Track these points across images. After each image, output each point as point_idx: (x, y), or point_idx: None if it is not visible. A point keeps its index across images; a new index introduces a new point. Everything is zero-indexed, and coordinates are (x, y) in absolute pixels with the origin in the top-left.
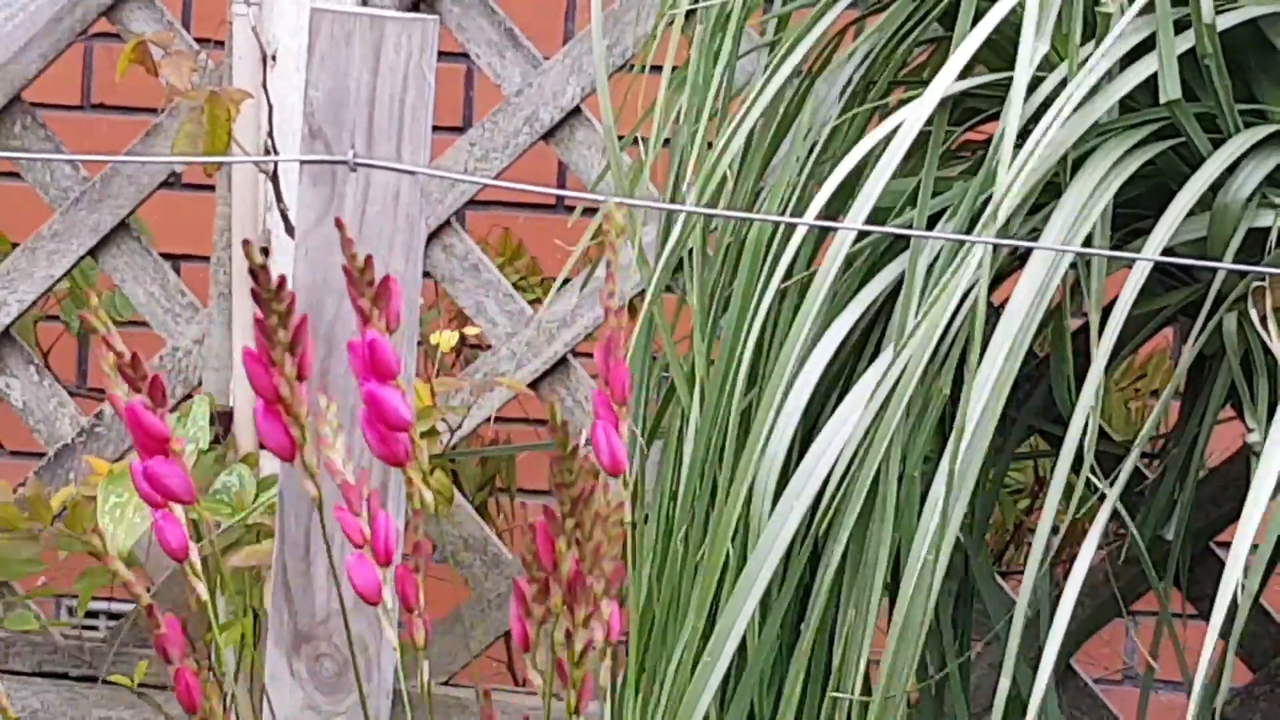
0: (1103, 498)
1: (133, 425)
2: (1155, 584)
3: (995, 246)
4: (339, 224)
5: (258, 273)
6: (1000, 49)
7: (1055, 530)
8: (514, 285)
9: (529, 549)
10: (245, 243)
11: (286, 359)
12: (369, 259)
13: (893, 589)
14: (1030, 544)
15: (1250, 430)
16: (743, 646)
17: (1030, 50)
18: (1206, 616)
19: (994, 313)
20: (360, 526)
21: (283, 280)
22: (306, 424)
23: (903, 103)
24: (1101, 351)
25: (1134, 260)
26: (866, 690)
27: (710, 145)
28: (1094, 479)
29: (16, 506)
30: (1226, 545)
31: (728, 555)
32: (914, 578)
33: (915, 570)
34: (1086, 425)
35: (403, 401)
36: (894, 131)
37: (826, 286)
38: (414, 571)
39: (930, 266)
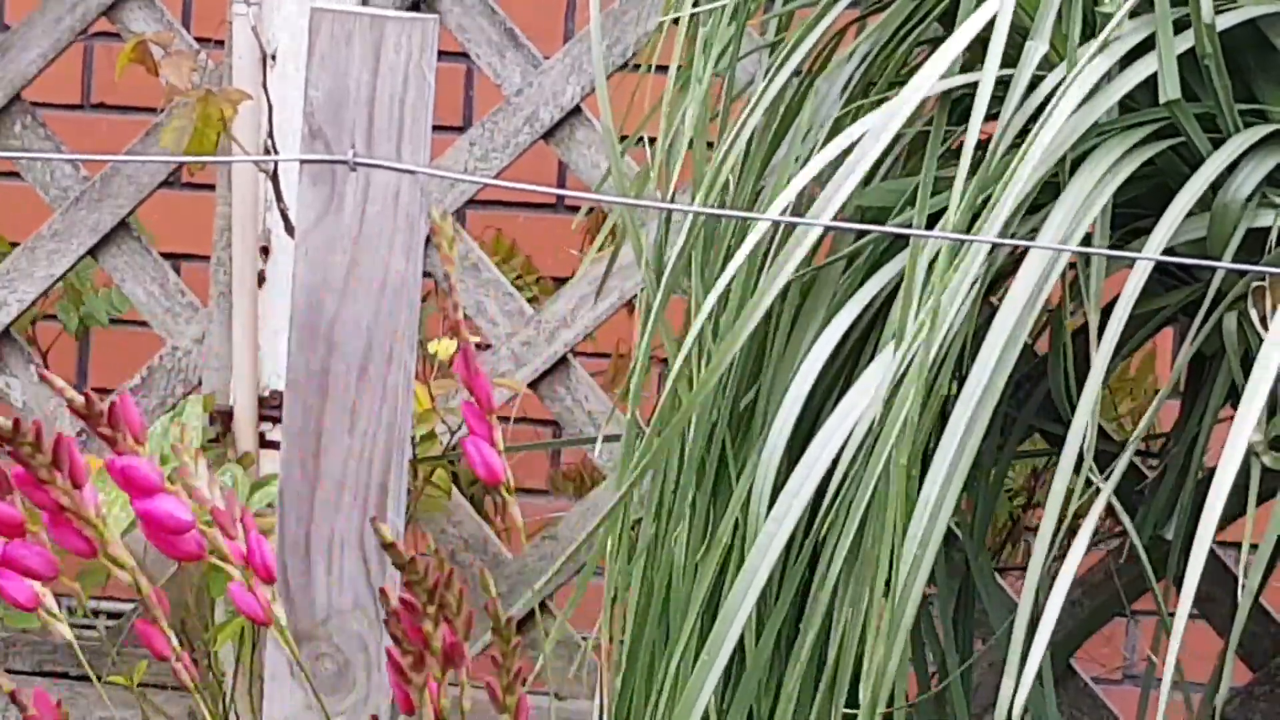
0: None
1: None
2: (1152, 583)
3: (994, 246)
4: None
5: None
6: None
7: (1058, 530)
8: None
9: (396, 628)
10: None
11: (57, 475)
12: (87, 396)
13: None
14: (1027, 542)
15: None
16: (742, 647)
17: (1001, 44)
18: (1206, 616)
19: (992, 312)
20: (239, 548)
21: (17, 423)
22: (101, 522)
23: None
24: (1103, 351)
25: (1133, 260)
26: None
27: (711, 145)
28: (1093, 477)
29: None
30: (1226, 545)
31: (726, 554)
32: (902, 576)
33: (905, 569)
34: (1087, 424)
35: (179, 505)
36: (884, 130)
37: (828, 289)
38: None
39: (929, 266)
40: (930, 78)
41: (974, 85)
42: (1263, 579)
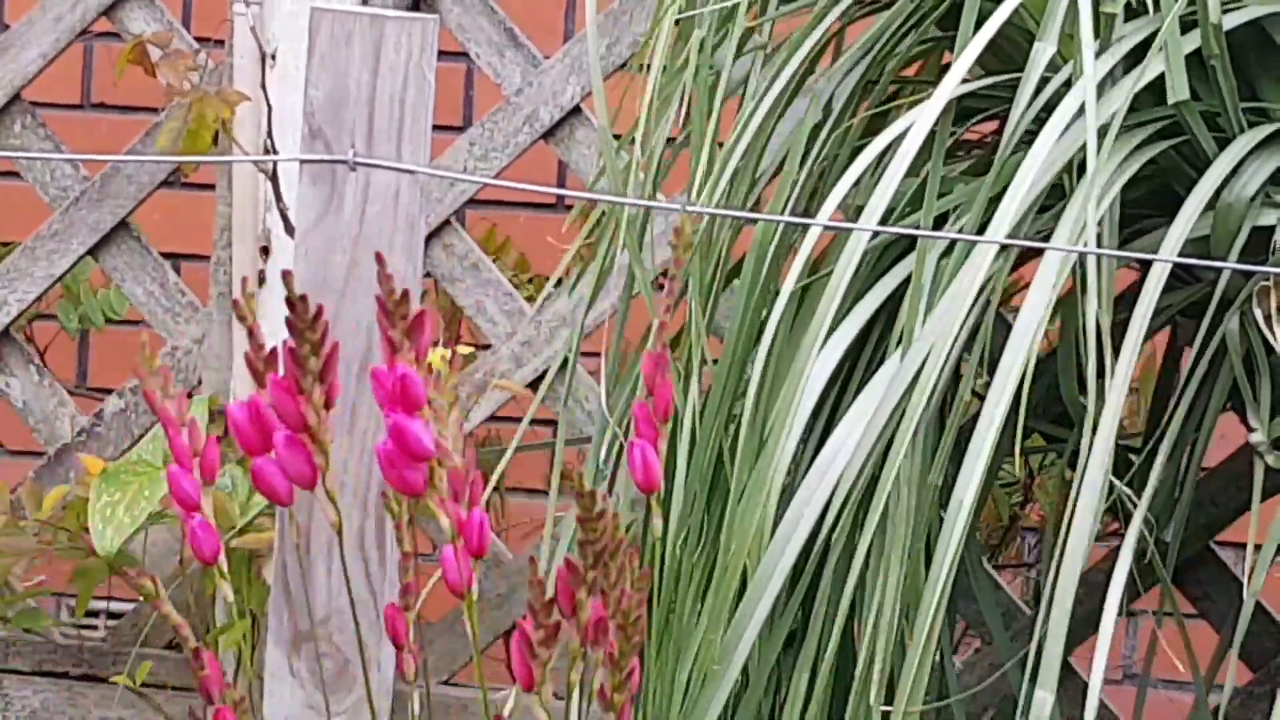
0: (1116, 497)
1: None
2: (1163, 577)
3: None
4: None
5: (295, 303)
6: (1000, 50)
7: (1058, 529)
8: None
9: (536, 598)
10: (285, 273)
11: (316, 388)
12: (405, 293)
13: (906, 600)
14: (1024, 539)
15: (1252, 430)
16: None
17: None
18: (1206, 615)
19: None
20: (459, 514)
21: (320, 310)
22: (331, 452)
23: (903, 104)
24: (1126, 351)
25: (1147, 261)
26: (883, 701)
27: (711, 145)
28: (1113, 481)
29: (13, 507)
30: (1226, 545)
31: (728, 554)
32: (934, 597)
33: (935, 592)
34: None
35: (428, 433)
36: (904, 134)
37: (842, 288)
38: (405, 610)
39: (935, 269)
40: (953, 80)
41: (982, 87)
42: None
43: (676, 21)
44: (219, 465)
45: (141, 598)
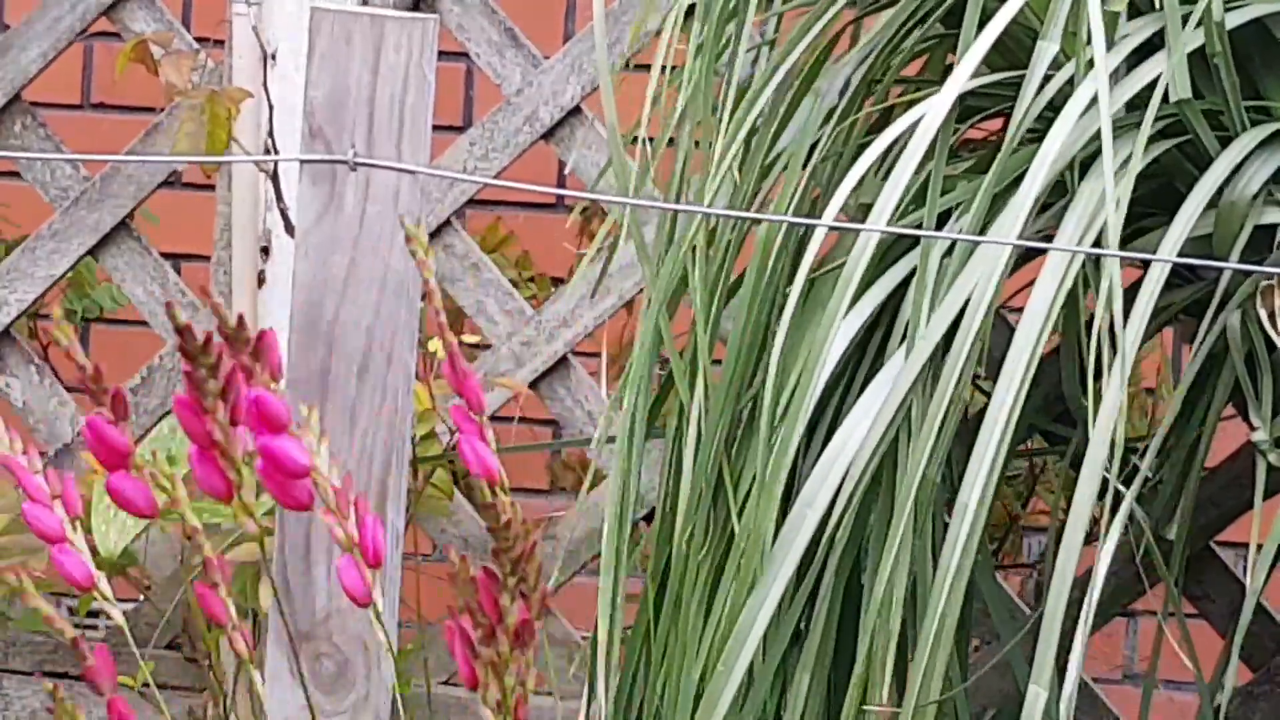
0: (1113, 497)
1: (95, 441)
2: (1166, 576)
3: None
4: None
5: (183, 331)
6: (1003, 47)
7: (1062, 529)
8: (512, 282)
9: (471, 599)
10: (168, 305)
11: (219, 406)
12: (240, 319)
13: (912, 599)
14: (1025, 540)
15: (1254, 429)
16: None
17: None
18: (1207, 616)
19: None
20: (347, 530)
21: (209, 336)
22: (241, 466)
23: (905, 103)
24: (1126, 349)
25: (1148, 260)
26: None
27: (711, 145)
28: (1111, 480)
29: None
30: (1226, 545)
31: (728, 553)
32: (943, 594)
33: (944, 588)
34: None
35: (300, 449)
36: (911, 129)
37: (853, 286)
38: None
39: (937, 267)
40: (960, 78)
41: (984, 85)
42: (1265, 579)
43: (689, 12)
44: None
45: (141, 598)
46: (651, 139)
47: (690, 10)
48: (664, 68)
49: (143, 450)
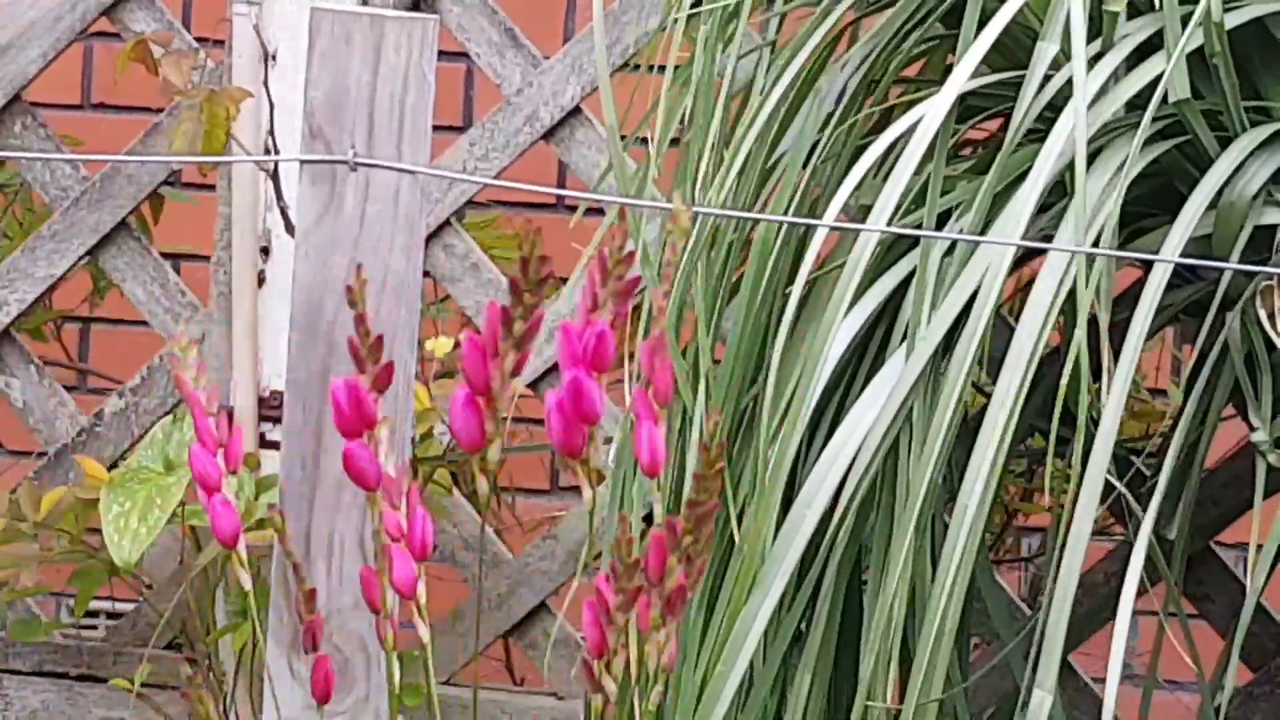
0: (1117, 497)
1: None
2: (1167, 576)
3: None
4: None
5: (526, 262)
6: (1002, 47)
7: (1060, 529)
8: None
9: (624, 558)
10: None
11: (511, 354)
12: (631, 254)
13: (911, 599)
14: (1024, 539)
15: (1254, 429)
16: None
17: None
18: (1207, 616)
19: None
20: (399, 521)
21: (551, 273)
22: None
23: (905, 104)
24: (1128, 350)
25: (1150, 260)
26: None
27: (713, 145)
28: (1110, 479)
29: (11, 509)
30: (1227, 545)
31: (730, 553)
32: (943, 594)
33: (944, 588)
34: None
35: (601, 396)
36: (912, 129)
37: (853, 286)
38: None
39: (938, 267)
40: (960, 78)
41: (985, 85)
42: (1265, 579)
43: (675, 21)
44: (241, 458)
45: (141, 598)
46: (651, 139)
47: (693, 12)
48: (664, 68)
49: (141, 456)
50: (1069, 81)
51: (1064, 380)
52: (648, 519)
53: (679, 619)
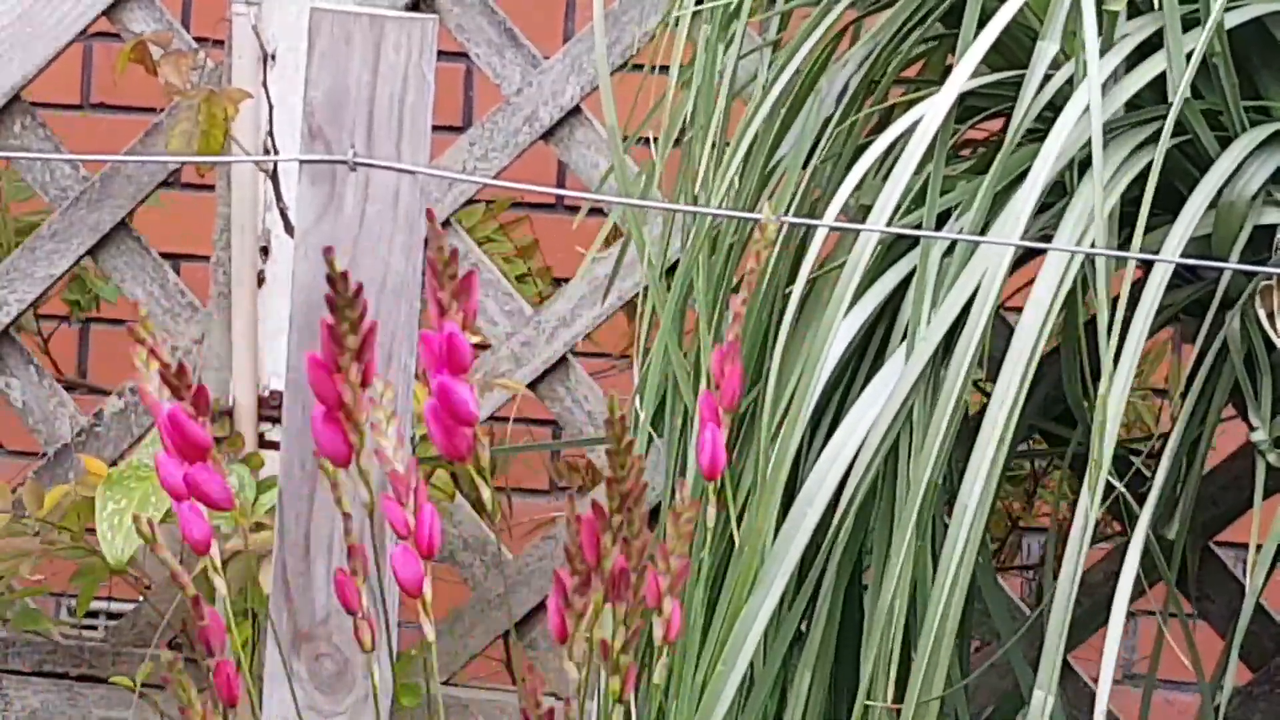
0: (1117, 497)
1: (173, 432)
2: (1167, 577)
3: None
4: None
5: (336, 279)
6: (1004, 47)
7: (1062, 529)
8: (518, 277)
9: (572, 542)
10: (327, 249)
11: (353, 366)
12: (454, 252)
13: (911, 598)
14: (1025, 541)
15: (1254, 429)
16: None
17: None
18: (1207, 616)
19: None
20: (406, 518)
21: (360, 287)
22: (365, 430)
23: (905, 103)
24: (1128, 350)
25: (1149, 260)
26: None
27: (714, 145)
28: (1112, 481)
29: (14, 508)
30: (1226, 545)
31: (729, 552)
32: (943, 594)
33: (944, 588)
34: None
35: (472, 396)
36: (911, 128)
37: (853, 286)
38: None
39: (938, 267)
40: (960, 78)
41: (985, 85)
42: (1265, 579)
43: (675, 21)
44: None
45: (141, 598)
46: (654, 139)
47: (695, 12)
48: (666, 68)
49: (142, 454)
50: (1069, 81)
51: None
52: (654, 513)
53: (632, 601)
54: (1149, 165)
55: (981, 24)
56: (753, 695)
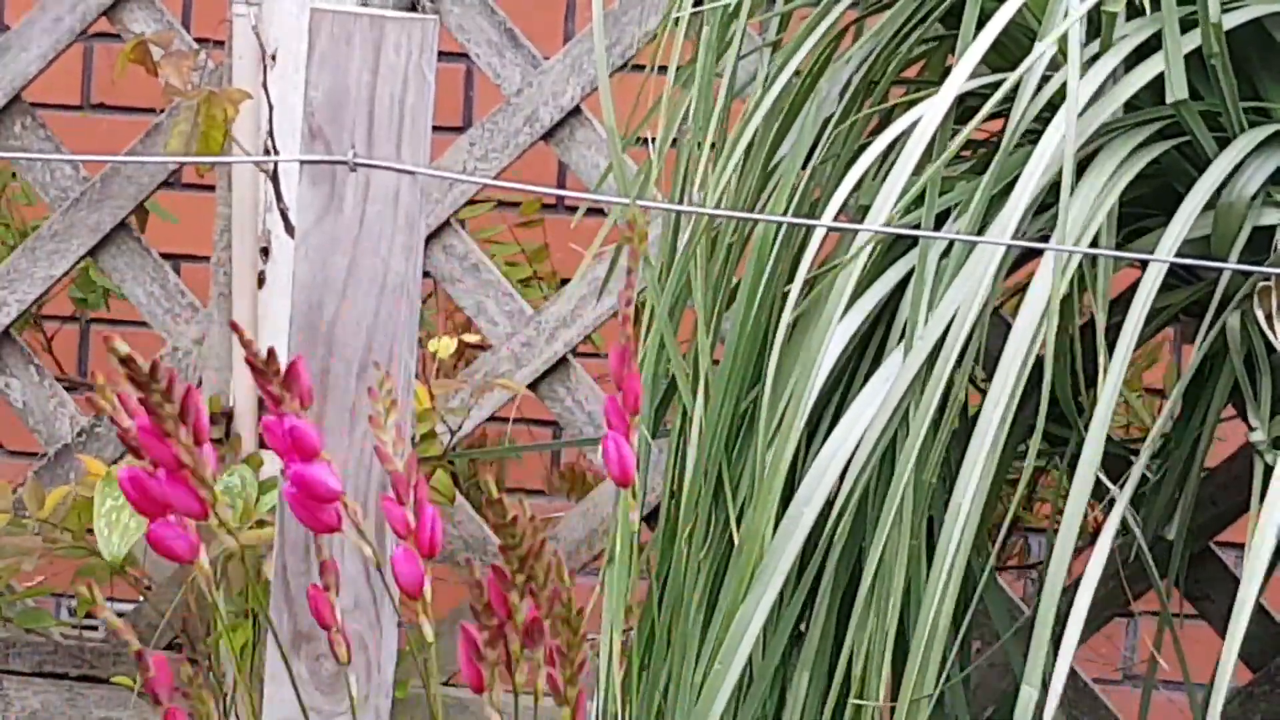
0: (1110, 500)
1: (145, 441)
2: (1167, 576)
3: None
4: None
5: (127, 360)
6: (1002, 48)
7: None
8: (523, 280)
9: (478, 601)
10: (106, 338)
11: (181, 429)
12: (271, 351)
13: (907, 599)
14: (1025, 540)
15: (1253, 429)
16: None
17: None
18: (1207, 616)
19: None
20: (406, 517)
21: (155, 364)
22: (213, 483)
23: (905, 104)
24: (1120, 351)
25: (1146, 260)
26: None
27: (714, 146)
28: (1104, 481)
29: (14, 508)
30: (1226, 545)
31: (730, 552)
32: (937, 593)
33: (939, 587)
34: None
35: (330, 474)
36: (910, 129)
37: (851, 286)
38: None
39: (936, 268)
40: (959, 78)
41: (984, 85)
42: (1265, 579)
43: (675, 21)
44: (218, 466)
45: (141, 598)
46: (653, 139)
47: (694, 12)
48: (665, 68)
49: None
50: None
51: (1060, 379)
52: (650, 517)
53: (540, 647)
54: (1148, 166)
55: (981, 24)
56: (750, 694)
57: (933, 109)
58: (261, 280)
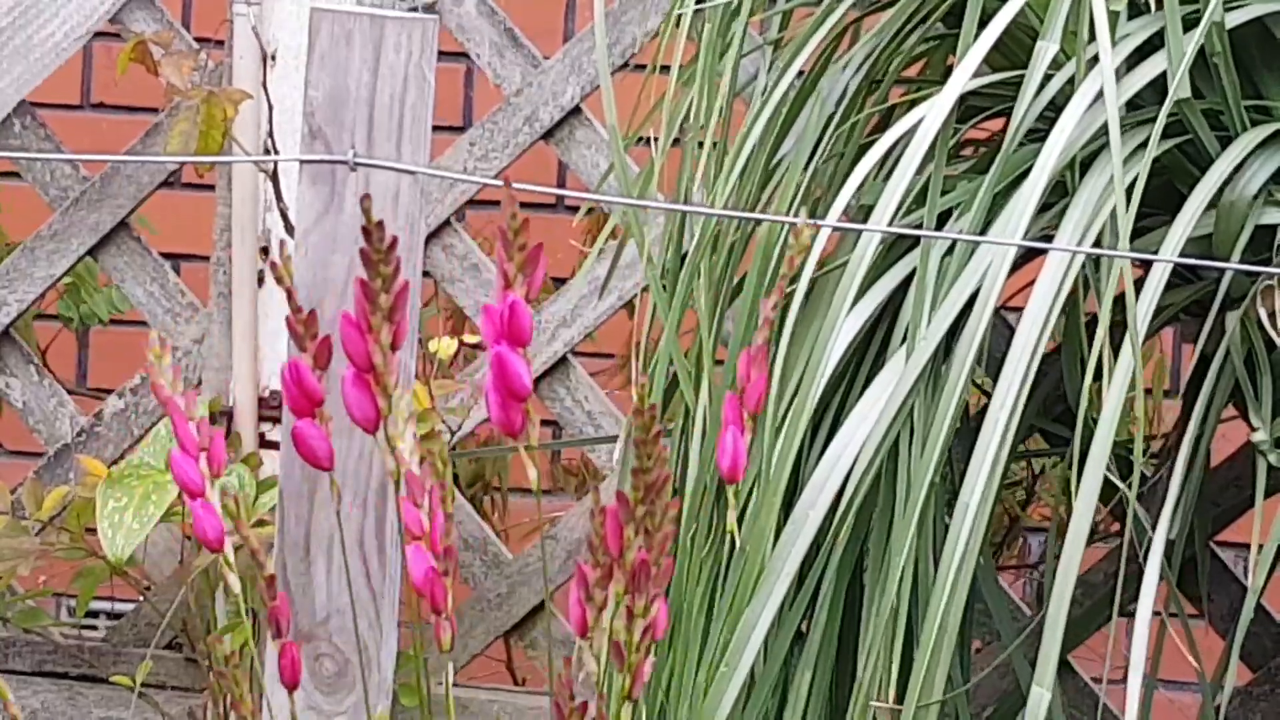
0: (1119, 498)
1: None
2: (1168, 575)
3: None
4: None
5: (371, 230)
6: (1003, 47)
7: (1062, 529)
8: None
9: (596, 533)
10: (365, 198)
11: (385, 326)
12: (525, 221)
13: (912, 598)
14: (1026, 540)
15: (1254, 429)
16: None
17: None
18: (1206, 615)
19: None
20: (420, 518)
21: (395, 241)
22: (394, 396)
23: (906, 103)
24: (1127, 350)
25: (1149, 260)
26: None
27: (715, 145)
28: (1113, 479)
29: (14, 509)
30: (1226, 545)
31: (731, 556)
32: (944, 594)
33: (946, 588)
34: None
35: (528, 371)
36: (913, 129)
37: (854, 286)
38: (444, 575)
39: (938, 267)
40: (961, 78)
41: (986, 85)
42: (1265, 579)
43: (676, 21)
44: (224, 461)
45: (141, 598)
46: (654, 138)
47: (696, 11)
48: (666, 68)
49: (144, 452)
50: (1070, 81)
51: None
52: None
53: (652, 594)
54: (1149, 165)
55: (983, 24)
56: (754, 695)
57: (935, 109)
58: (261, 280)
